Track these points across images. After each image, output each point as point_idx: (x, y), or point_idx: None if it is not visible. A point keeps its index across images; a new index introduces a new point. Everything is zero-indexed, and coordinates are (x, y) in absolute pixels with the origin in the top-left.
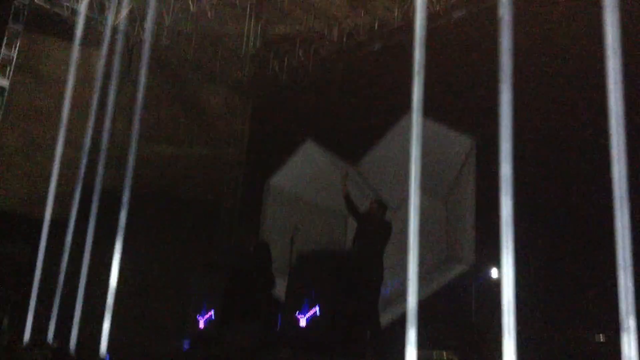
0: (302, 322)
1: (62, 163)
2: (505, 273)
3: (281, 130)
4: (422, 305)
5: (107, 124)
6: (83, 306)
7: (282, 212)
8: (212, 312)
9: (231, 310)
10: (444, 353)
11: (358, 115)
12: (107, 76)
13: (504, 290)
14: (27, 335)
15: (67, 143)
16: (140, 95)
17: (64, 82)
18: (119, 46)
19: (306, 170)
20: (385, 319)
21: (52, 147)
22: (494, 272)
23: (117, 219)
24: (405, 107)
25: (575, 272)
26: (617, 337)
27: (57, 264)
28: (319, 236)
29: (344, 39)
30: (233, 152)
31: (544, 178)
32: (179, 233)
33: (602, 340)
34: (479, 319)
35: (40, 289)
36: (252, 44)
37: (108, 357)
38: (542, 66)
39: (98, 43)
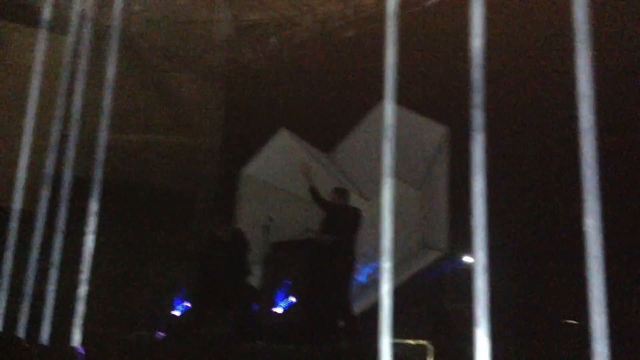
0: (277, 312)
1: (30, 151)
2: (478, 259)
3: (255, 118)
4: (396, 292)
5: (76, 111)
6: (55, 298)
7: (257, 201)
8: (186, 302)
9: (206, 300)
10: (418, 341)
11: (333, 102)
12: (75, 63)
13: (477, 276)
14: None
15: (35, 131)
16: (109, 82)
17: (30, 69)
18: (87, 32)
19: (281, 159)
20: (359, 306)
21: (20, 136)
22: (468, 259)
23: (87, 209)
24: (379, 94)
25: (547, 257)
26: (587, 320)
27: (26, 255)
28: (293, 225)
29: (318, 26)
30: (207, 140)
31: (517, 163)
32: (153, 222)
33: (573, 323)
34: (453, 306)
35: (9, 280)
36: (224, 30)
37: (82, 349)
38: (517, 48)
39: (65, 29)
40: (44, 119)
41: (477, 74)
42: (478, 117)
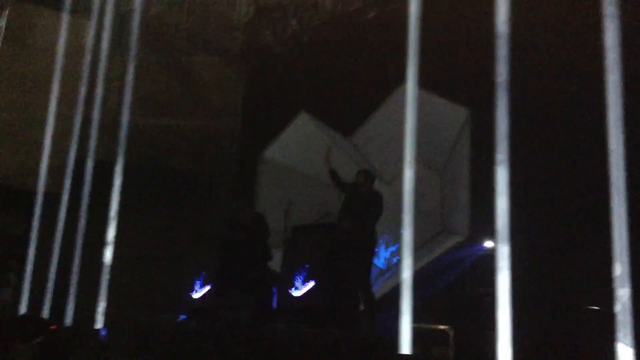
0: (297, 295)
1: (54, 134)
2: (500, 244)
3: (275, 101)
4: (416, 277)
5: (99, 94)
6: (78, 279)
7: (276, 185)
8: (207, 285)
9: (226, 283)
10: (439, 325)
11: (352, 85)
12: (97, 46)
13: (499, 262)
14: (23, 309)
15: (59, 114)
16: (131, 65)
17: (54, 52)
18: (109, 15)
19: (300, 142)
20: (380, 290)
21: (44, 118)
22: (488, 243)
23: (110, 191)
24: (400, 77)
25: (571, 244)
26: (611, 308)
27: (51, 236)
28: (313, 208)
29: (338, 7)
30: (227, 123)
31: (541, 149)
32: (173, 205)
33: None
34: (474, 291)
35: (35, 262)
36: (244, 12)
37: (105, 331)
38: (542, 36)
39: (88, 12)
40: (68, 103)
41: (502, 54)
42: (503, 99)
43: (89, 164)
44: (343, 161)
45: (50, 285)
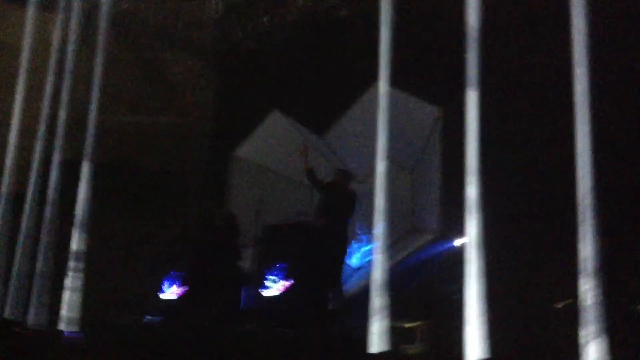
0: (269, 295)
1: (19, 133)
2: (471, 241)
3: (247, 99)
4: (388, 275)
5: (66, 92)
6: (44, 280)
7: (248, 184)
8: (177, 285)
9: (197, 283)
10: (411, 323)
11: (325, 83)
12: (64, 42)
13: (469, 259)
14: None
15: (24, 112)
16: (99, 62)
17: (19, 48)
18: (76, 10)
19: (273, 141)
20: (351, 289)
21: (9, 116)
22: (459, 241)
23: (78, 191)
24: (373, 75)
25: (540, 240)
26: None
27: (16, 237)
28: (285, 207)
29: (309, 4)
30: (198, 121)
31: (511, 145)
32: (143, 205)
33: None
34: (445, 288)
35: None
36: (214, 8)
37: (71, 332)
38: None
39: (54, 7)
40: (34, 100)
41: (472, 51)
42: (472, 96)
43: (56, 163)
44: (317, 160)
45: (14, 286)
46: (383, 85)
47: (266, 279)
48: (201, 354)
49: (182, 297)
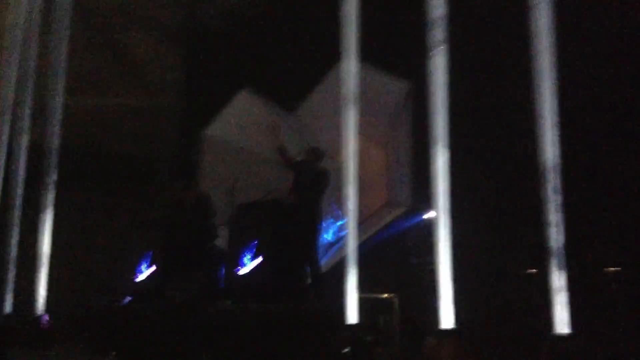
0: (244, 272)
1: None
2: (441, 213)
3: (216, 77)
4: (361, 249)
5: (30, 74)
6: (16, 266)
7: (220, 163)
8: (152, 266)
9: (172, 263)
10: (384, 295)
11: (293, 59)
12: (27, 23)
13: (439, 230)
14: None
15: None
16: (63, 43)
17: None
18: None
19: (243, 119)
20: (328, 263)
21: None
22: (430, 214)
23: (45, 175)
24: (341, 51)
25: (508, 209)
26: (547, 271)
27: None
28: (258, 186)
29: None
30: (166, 101)
31: (479, 118)
32: (113, 187)
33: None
34: (417, 260)
35: None
36: None
37: (46, 316)
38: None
39: None
40: None
41: (437, 20)
42: (440, 73)
43: (22, 147)
44: (288, 136)
45: None
46: (351, 60)
47: (240, 257)
48: (180, 333)
49: (159, 278)
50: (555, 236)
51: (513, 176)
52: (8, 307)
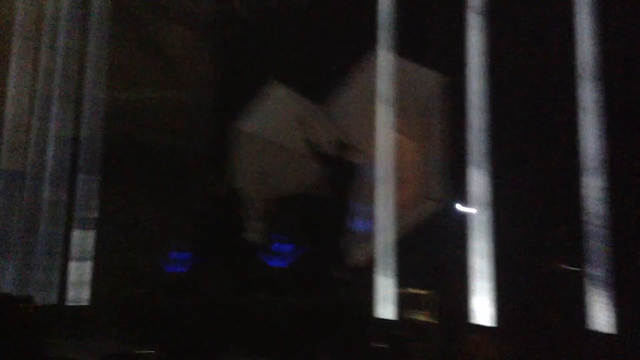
0: (277, 265)
1: (17, 110)
2: (478, 209)
3: (247, 71)
4: (395, 243)
5: (62, 68)
6: (61, 259)
7: (251, 156)
8: (186, 259)
9: (205, 256)
10: (419, 290)
11: (324, 52)
12: (61, 19)
13: (475, 227)
14: None
15: (20, 89)
16: (97, 38)
17: (12, 24)
18: None
19: (273, 112)
20: (359, 257)
21: (4, 95)
22: (466, 208)
23: (80, 169)
24: (374, 43)
25: (548, 204)
26: (588, 268)
27: (26, 216)
28: (289, 179)
29: None
30: (199, 95)
31: (516, 112)
32: (147, 180)
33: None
34: (453, 255)
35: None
36: None
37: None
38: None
39: None
40: (31, 77)
41: (476, 17)
42: (476, 65)
43: (56, 141)
44: (317, 130)
45: (17, 263)
46: (384, 52)
47: (273, 250)
48: (215, 326)
49: (194, 271)
50: (597, 233)
51: (554, 170)
52: (53, 297)
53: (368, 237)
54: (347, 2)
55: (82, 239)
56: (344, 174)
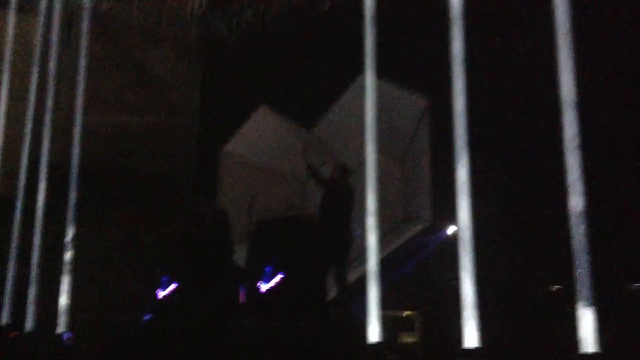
0: (264, 289)
1: (5, 136)
2: (463, 230)
3: (233, 96)
4: (382, 265)
5: (50, 94)
6: (39, 284)
7: (238, 180)
8: (172, 283)
9: (191, 280)
10: (407, 312)
11: (311, 77)
12: (46, 45)
13: (461, 247)
14: None
15: (9, 116)
16: (82, 63)
17: (1, 51)
18: (58, 13)
19: (261, 136)
20: (346, 279)
21: None
22: (451, 230)
23: (67, 193)
24: (359, 67)
25: (532, 225)
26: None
27: (7, 243)
28: (277, 203)
29: None
30: (185, 119)
31: (499, 134)
32: (133, 205)
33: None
34: (439, 276)
35: None
36: (197, 5)
37: (68, 334)
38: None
39: (35, 10)
40: (18, 104)
41: (457, 38)
42: (459, 86)
43: (43, 166)
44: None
45: (8, 290)
46: (369, 76)
47: (260, 273)
48: (200, 350)
49: (179, 295)
50: (580, 252)
51: (536, 191)
52: (30, 324)
53: (355, 258)
54: (332, 27)
55: (66, 264)
56: (343, 197)
